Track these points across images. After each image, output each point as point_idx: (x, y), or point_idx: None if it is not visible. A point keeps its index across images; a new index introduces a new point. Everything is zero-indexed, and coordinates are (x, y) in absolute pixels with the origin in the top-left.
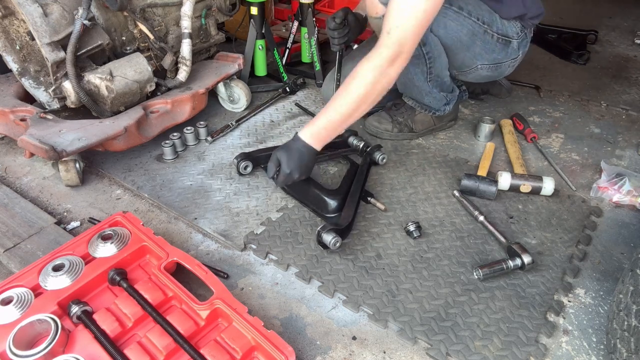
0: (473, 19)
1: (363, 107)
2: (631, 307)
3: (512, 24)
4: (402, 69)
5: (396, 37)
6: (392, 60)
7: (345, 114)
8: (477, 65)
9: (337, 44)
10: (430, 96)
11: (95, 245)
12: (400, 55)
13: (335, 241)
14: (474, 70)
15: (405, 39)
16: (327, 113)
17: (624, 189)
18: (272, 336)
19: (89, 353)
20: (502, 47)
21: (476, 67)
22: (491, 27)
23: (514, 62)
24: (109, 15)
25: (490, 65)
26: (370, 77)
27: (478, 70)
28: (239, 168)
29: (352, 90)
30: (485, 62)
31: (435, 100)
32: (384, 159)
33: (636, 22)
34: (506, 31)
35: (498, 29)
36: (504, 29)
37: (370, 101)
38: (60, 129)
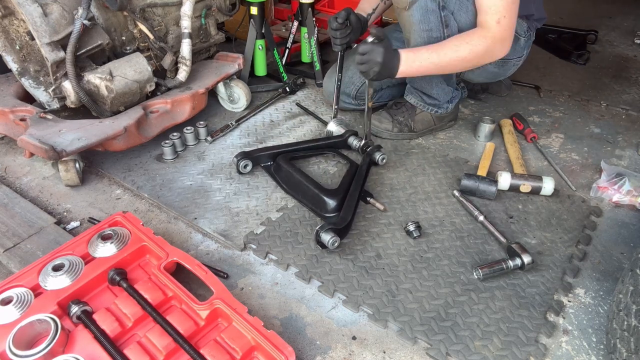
0: None
1: (458, 68)
2: (631, 307)
3: (519, 22)
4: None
5: (506, 24)
6: (502, 43)
7: (442, 64)
8: None
9: (339, 44)
10: (439, 87)
11: (95, 245)
12: (509, 40)
13: (334, 241)
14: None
15: (512, 26)
16: (432, 52)
17: (624, 189)
18: (272, 336)
19: (89, 353)
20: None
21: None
22: None
23: (519, 61)
24: (108, 15)
25: (498, 61)
26: (481, 48)
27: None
28: (239, 167)
29: (461, 49)
30: None
31: (442, 92)
32: (383, 159)
33: (636, 22)
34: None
35: None
36: None
37: (466, 67)
38: (60, 129)
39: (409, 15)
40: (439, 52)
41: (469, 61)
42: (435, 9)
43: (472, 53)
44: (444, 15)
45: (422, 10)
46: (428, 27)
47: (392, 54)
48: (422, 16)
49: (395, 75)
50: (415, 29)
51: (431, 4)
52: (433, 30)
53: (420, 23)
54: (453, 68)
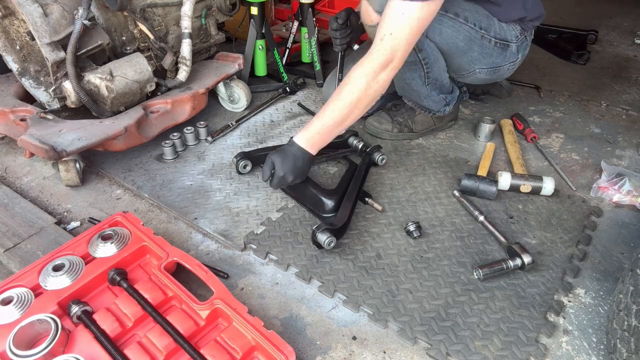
0: (469, 25)
1: (356, 112)
2: (631, 307)
3: (511, 27)
4: (394, 74)
5: (389, 44)
6: (384, 67)
7: (339, 119)
8: (475, 69)
9: (340, 44)
10: (429, 99)
11: (96, 245)
12: (392, 62)
13: (330, 241)
14: (472, 73)
15: (398, 46)
16: (320, 118)
17: (624, 189)
18: (272, 336)
19: (89, 353)
20: (500, 51)
21: (474, 71)
22: (488, 32)
23: (513, 66)
24: (109, 15)
25: (489, 69)
26: (362, 83)
27: (476, 74)
28: (238, 167)
29: (344, 96)
30: (483, 67)
31: (434, 102)
32: (383, 160)
33: (636, 22)
34: (504, 35)
35: (496, 34)
36: (502, 33)
37: (363, 106)
38: (60, 129)
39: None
40: (326, 112)
41: (361, 101)
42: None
43: (358, 92)
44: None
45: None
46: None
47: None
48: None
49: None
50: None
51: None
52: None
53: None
54: (352, 115)
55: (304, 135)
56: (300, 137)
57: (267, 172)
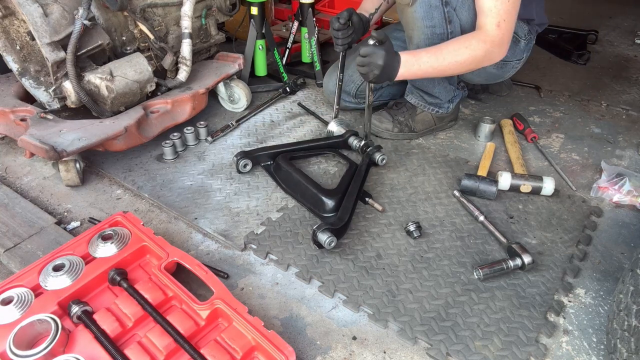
0: None
1: (456, 71)
2: (631, 307)
3: (520, 24)
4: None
5: (506, 28)
6: (501, 46)
7: (442, 67)
8: None
9: (341, 44)
10: (441, 86)
11: (96, 245)
12: (507, 44)
13: (330, 241)
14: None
15: (511, 30)
16: (430, 55)
17: (624, 189)
18: (272, 336)
19: (89, 353)
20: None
21: None
22: None
23: (518, 63)
24: (109, 15)
25: (498, 63)
26: (480, 52)
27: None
28: (238, 166)
29: (460, 53)
30: None
31: (444, 90)
32: (383, 160)
33: (636, 22)
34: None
35: None
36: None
37: (465, 70)
38: (60, 129)
39: (413, 11)
40: (438, 56)
41: (467, 65)
42: (438, 5)
43: (471, 57)
44: (447, 12)
45: (426, 6)
46: (431, 24)
47: (392, 57)
48: (425, 12)
49: (394, 78)
50: (419, 25)
51: (434, 0)
52: (436, 26)
53: (423, 19)
54: (452, 71)
55: (408, 54)
56: (405, 54)
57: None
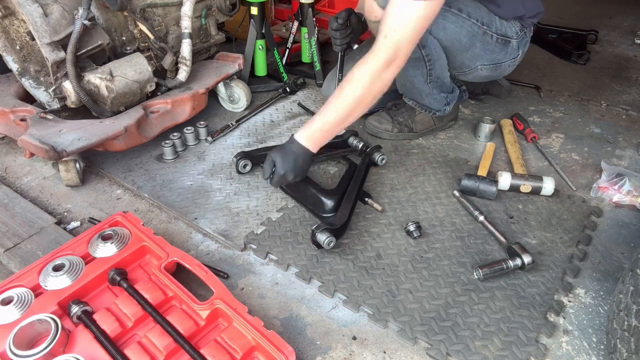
0: (472, 20)
1: (359, 110)
2: (631, 307)
3: (511, 24)
4: (398, 72)
5: (392, 41)
6: (388, 64)
7: (341, 116)
8: (477, 65)
9: (340, 44)
10: (430, 97)
11: (96, 245)
12: (396, 59)
13: (329, 241)
14: (473, 70)
15: (401, 43)
16: (322, 115)
17: (624, 189)
18: (272, 336)
19: (89, 353)
20: (502, 48)
21: (476, 68)
22: (490, 27)
23: (513, 62)
24: (109, 15)
25: (490, 66)
26: (365, 80)
27: (478, 70)
28: (238, 166)
29: (347, 93)
30: (485, 63)
31: (435, 101)
32: (383, 160)
33: (636, 22)
34: (505, 31)
35: (497, 30)
36: (503, 29)
37: (366, 104)
38: (60, 129)
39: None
40: (329, 109)
41: (364, 97)
42: None
43: (360, 89)
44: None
45: None
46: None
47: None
48: None
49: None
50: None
51: None
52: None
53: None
54: (356, 112)
55: (304, 133)
56: (301, 134)
57: (267, 170)
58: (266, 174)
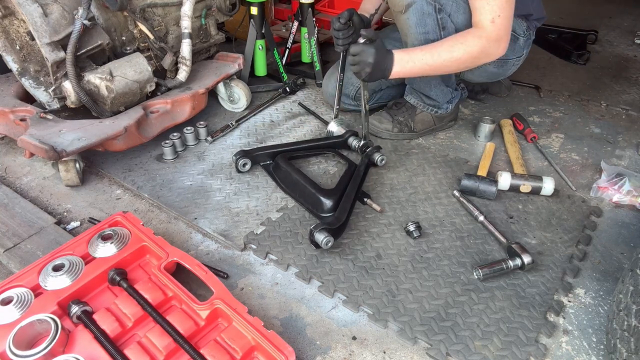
0: None
1: (453, 69)
2: (631, 307)
3: (518, 21)
4: (502, 53)
5: (501, 24)
6: (498, 42)
7: (437, 65)
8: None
9: (341, 44)
10: (437, 89)
11: (95, 245)
12: (503, 38)
13: (327, 241)
14: (481, 65)
15: (508, 25)
16: (426, 52)
17: (624, 189)
18: (272, 336)
19: (89, 353)
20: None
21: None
22: None
23: (518, 61)
24: (109, 15)
25: (497, 61)
26: (476, 48)
27: (485, 65)
28: (238, 165)
29: (456, 50)
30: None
31: (441, 93)
32: (382, 161)
33: (636, 22)
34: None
35: None
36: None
37: (462, 67)
38: (60, 129)
39: (406, 18)
40: (432, 53)
41: (463, 62)
42: (431, 12)
43: (467, 54)
44: (441, 18)
45: (419, 13)
46: (424, 30)
47: (384, 54)
48: (418, 19)
49: (388, 76)
50: (412, 32)
51: (427, 7)
52: (429, 33)
53: (416, 26)
54: (448, 69)
55: (402, 52)
56: (399, 52)
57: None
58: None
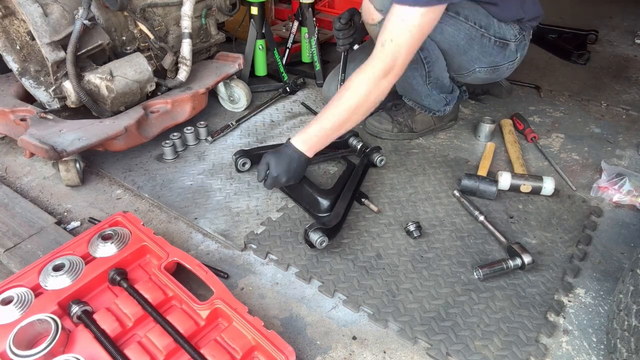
0: (470, 24)
1: (355, 117)
2: (631, 307)
3: (509, 26)
4: (395, 81)
5: (390, 50)
6: (386, 73)
7: (338, 123)
8: (475, 68)
9: (342, 44)
10: (429, 98)
11: (96, 245)
12: (394, 69)
13: (321, 240)
14: (472, 73)
15: (398, 53)
16: (319, 121)
17: (624, 189)
18: (272, 336)
19: (89, 353)
20: (500, 50)
21: (474, 70)
22: (488, 30)
23: (512, 65)
24: (109, 15)
25: (488, 68)
26: (363, 89)
27: (476, 73)
28: (237, 165)
29: (345, 101)
30: (483, 65)
31: (434, 101)
32: (382, 161)
33: (636, 22)
34: (504, 34)
35: (495, 32)
36: (501, 32)
37: (363, 112)
38: (60, 129)
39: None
40: (325, 116)
41: (361, 107)
42: None
43: (357, 98)
44: None
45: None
46: None
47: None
48: None
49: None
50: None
51: None
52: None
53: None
54: (352, 119)
55: (300, 137)
56: (297, 139)
57: (261, 172)
58: (260, 177)
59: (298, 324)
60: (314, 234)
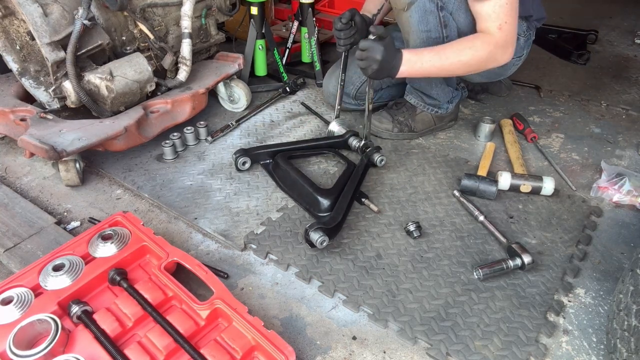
0: None
1: (459, 72)
2: (631, 307)
3: (519, 22)
4: (509, 59)
5: (508, 30)
6: (505, 48)
7: (445, 67)
8: None
9: (343, 44)
10: (439, 88)
11: (96, 245)
12: (512, 46)
13: (322, 240)
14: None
15: (514, 32)
16: (433, 55)
17: (624, 189)
18: (272, 336)
19: (89, 353)
20: None
21: None
22: None
23: (518, 61)
24: (109, 15)
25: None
26: (484, 53)
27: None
28: (237, 164)
29: (464, 53)
30: None
31: (442, 92)
32: (382, 161)
33: (636, 22)
34: None
35: None
36: None
37: (468, 71)
38: (60, 129)
39: (408, 16)
40: (441, 55)
41: (471, 66)
42: (433, 10)
43: (475, 58)
44: (443, 16)
45: (421, 11)
46: (427, 28)
47: (393, 53)
48: (420, 17)
49: (395, 75)
50: (414, 30)
51: (430, 5)
52: (432, 31)
53: (418, 24)
54: (455, 71)
55: (410, 52)
56: (408, 51)
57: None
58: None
59: (298, 324)
60: (315, 233)
